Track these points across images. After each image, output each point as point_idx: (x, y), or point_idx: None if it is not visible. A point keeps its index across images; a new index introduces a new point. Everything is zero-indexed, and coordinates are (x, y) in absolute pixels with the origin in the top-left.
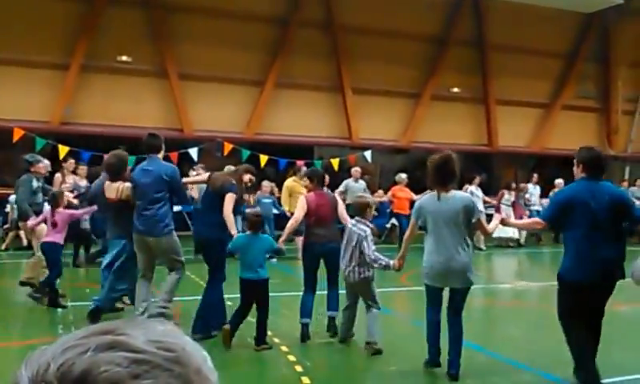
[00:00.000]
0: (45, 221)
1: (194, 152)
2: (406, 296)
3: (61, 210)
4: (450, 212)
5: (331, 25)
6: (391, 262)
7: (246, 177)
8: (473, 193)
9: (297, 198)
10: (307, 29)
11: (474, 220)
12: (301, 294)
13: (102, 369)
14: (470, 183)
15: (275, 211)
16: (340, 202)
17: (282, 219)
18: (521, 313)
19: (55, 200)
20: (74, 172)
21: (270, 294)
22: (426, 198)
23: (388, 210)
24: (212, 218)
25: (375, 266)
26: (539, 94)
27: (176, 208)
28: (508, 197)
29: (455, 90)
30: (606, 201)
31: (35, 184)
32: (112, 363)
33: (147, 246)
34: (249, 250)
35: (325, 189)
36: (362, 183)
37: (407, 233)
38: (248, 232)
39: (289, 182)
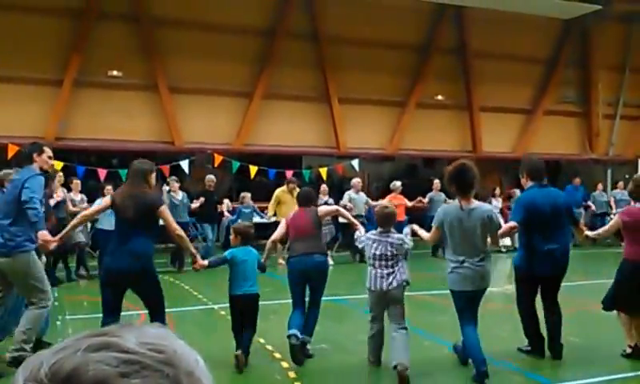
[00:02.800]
0: None
1: (185, 164)
2: None
3: None
4: (473, 222)
5: (317, 36)
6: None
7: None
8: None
9: (284, 206)
10: (293, 40)
11: (494, 232)
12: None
13: (90, 367)
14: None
15: (257, 219)
16: (320, 208)
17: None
18: (511, 316)
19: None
20: (65, 185)
21: (262, 302)
22: (448, 208)
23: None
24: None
25: (410, 238)
26: (521, 100)
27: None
28: (496, 203)
29: (439, 97)
30: (552, 203)
31: None
32: (102, 362)
33: None
34: (242, 264)
35: (310, 207)
36: (362, 195)
37: (429, 239)
38: (239, 245)
39: (278, 191)
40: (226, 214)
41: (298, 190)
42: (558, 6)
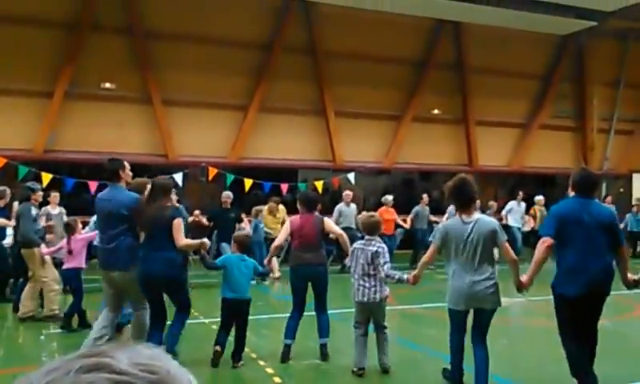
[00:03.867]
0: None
1: (178, 177)
2: (390, 314)
3: (77, 236)
4: (477, 235)
5: (314, 50)
6: (405, 276)
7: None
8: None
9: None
10: (290, 54)
11: (499, 243)
12: (283, 315)
13: None
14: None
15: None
16: (326, 220)
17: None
18: (503, 329)
19: (71, 228)
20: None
21: (254, 317)
22: (452, 222)
23: None
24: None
25: (389, 280)
26: (517, 114)
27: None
28: None
29: (436, 111)
30: (596, 218)
31: (34, 212)
32: (93, 383)
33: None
34: (237, 271)
35: (315, 213)
36: (353, 207)
37: (427, 256)
38: (237, 252)
39: (268, 216)
40: (249, 231)
41: (281, 207)
42: (554, 23)
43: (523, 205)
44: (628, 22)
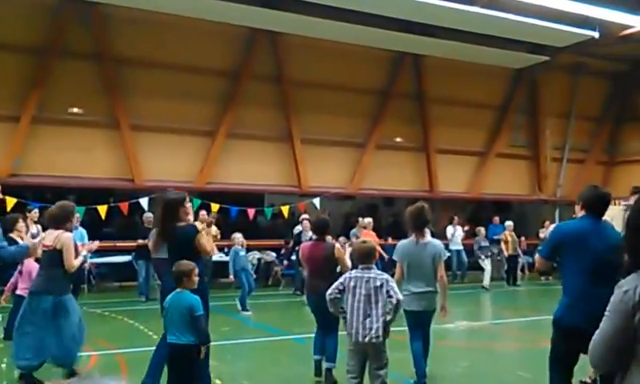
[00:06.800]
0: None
1: (144, 202)
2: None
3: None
4: (425, 255)
5: (280, 78)
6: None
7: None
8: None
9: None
10: (257, 82)
11: (438, 264)
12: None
13: None
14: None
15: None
16: (338, 247)
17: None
18: (465, 351)
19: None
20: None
21: (219, 342)
22: (406, 243)
23: None
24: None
25: (401, 310)
26: (475, 143)
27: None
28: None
29: (398, 139)
30: (607, 241)
31: None
32: None
33: None
34: (170, 310)
35: (327, 238)
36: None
37: (398, 275)
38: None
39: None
40: None
41: (212, 226)
42: (509, 57)
43: (459, 228)
44: (578, 57)
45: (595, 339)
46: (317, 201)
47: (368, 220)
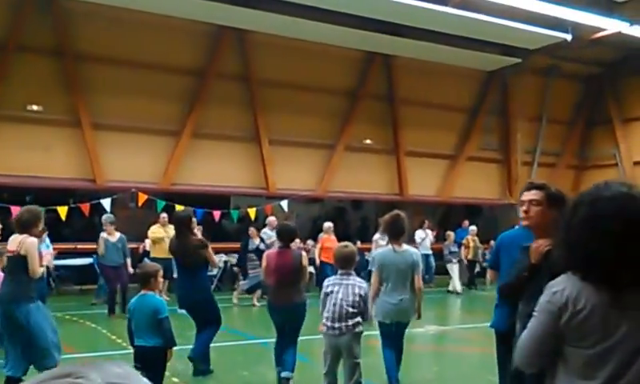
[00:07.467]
0: None
1: (106, 203)
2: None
3: None
4: (403, 263)
5: (247, 77)
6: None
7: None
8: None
9: (159, 244)
10: (224, 81)
11: (416, 271)
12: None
13: None
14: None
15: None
16: (305, 255)
17: None
18: (435, 355)
19: None
20: None
21: (184, 346)
22: (384, 252)
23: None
24: None
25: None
26: (445, 146)
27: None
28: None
29: (368, 141)
30: None
31: None
32: None
33: None
34: (136, 314)
35: (294, 251)
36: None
37: (375, 285)
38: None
39: (154, 229)
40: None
41: (169, 225)
42: (480, 59)
43: (430, 232)
44: (550, 59)
45: (522, 338)
46: (284, 203)
47: (328, 224)
